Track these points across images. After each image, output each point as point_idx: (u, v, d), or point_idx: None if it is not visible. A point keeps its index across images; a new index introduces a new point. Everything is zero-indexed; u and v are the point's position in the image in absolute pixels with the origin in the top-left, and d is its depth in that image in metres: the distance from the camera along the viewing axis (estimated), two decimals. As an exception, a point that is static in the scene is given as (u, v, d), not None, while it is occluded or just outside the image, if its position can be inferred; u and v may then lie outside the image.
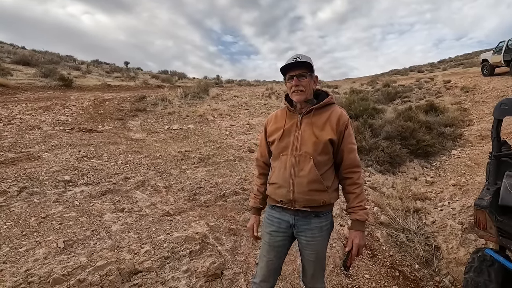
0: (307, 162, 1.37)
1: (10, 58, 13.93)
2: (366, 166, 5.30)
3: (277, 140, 1.46)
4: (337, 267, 2.60)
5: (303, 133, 1.41)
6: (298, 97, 1.41)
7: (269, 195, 1.53)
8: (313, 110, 1.43)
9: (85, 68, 17.19)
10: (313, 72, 1.45)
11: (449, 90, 11.49)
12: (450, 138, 6.68)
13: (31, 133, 4.92)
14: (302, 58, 1.38)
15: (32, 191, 2.94)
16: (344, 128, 1.42)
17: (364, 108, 8.20)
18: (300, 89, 1.40)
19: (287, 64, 1.40)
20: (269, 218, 1.55)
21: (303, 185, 1.37)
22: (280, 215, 1.50)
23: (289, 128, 1.45)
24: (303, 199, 1.38)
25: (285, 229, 1.49)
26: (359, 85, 19.97)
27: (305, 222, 1.44)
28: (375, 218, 3.48)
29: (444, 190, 4.41)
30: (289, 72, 1.43)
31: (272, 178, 1.50)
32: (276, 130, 1.50)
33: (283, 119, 1.51)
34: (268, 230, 1.54)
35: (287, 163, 1.41)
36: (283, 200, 1.43)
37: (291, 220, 1.46)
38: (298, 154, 1.39)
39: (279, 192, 1.44)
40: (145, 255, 2.22)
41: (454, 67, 22.71)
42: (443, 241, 2.98)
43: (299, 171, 1.38)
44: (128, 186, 3.37)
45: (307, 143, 1.39)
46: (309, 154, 1.37)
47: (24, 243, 2.18)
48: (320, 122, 1.41)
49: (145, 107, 8.08)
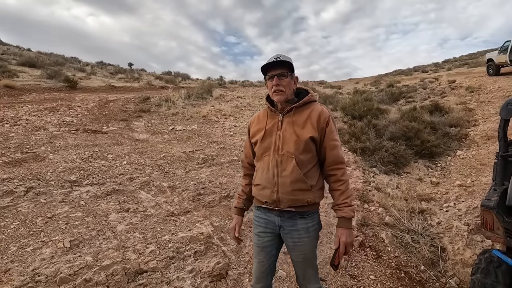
0: (290, 162, 1.36)
1: (16, 60, 14.10)
2: (371, 167, 5.28)
3: (259, 141, 1.45)
4: (341, 267, 2.59)
5: (284, 132, 1.40)
6: (279, 97, 1.40)
7: (254, 197, 1.53)
8: (294, 109, 1.43)
9: (89, 69, 17.33)
10: (294, 72, 1.44)
11: (454, 90, 11.39)
12: (455, 138, 6.62)
13: (37, 134, 4.97)
14: (283, 58, 1.37)
15: (38, 191, 2.97)
16: (325, 125, 1.40)
17: (368, 108, 8.16)
18: (280, 89, 1.38)
19: (268, 63, 1.39)
20: (256, 219, 1.55)
21: (286, 185, 1.36)
22: (265, 216, 1.50)
23: (270, 128, 1.44)
24: (287, 199, 1.37)
25: (272, 229, 1.48)
26: (363, 85, 19.88)
27: (290, 223, 1.42)
28: (379, 219, 3.46)
29: (450, 191, 4.38)
30: (270, 71, 1.41)
31: (256, 179, 1.50)
32: (258, 131, 1.49)
33: (264, 119, 1.50)
34: (256, 231, 1.54)
35: (270, 163, 1.40)
36: (268, 201, 1.42)
37: (277, 221, 1.45)
38: (280, 154, 1.38)
39: (263, 193, 1.43)
40: (150, 255, 2.24)
41: (459, 67, 22.53)
42: (449, 242, 2.96)
43: (282, 171, 1.37)
44: (133, 187, 3.39)
45: (288, 143, 1.38)
46: (291, 153, 1.36)
47: (31, 242, 2.20)
48: (301, 121, 1.40)
49: (149, 108, 8.12)
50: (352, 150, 5.94)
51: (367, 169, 5.15)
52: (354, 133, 6.60)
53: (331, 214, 3.39)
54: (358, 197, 3.96)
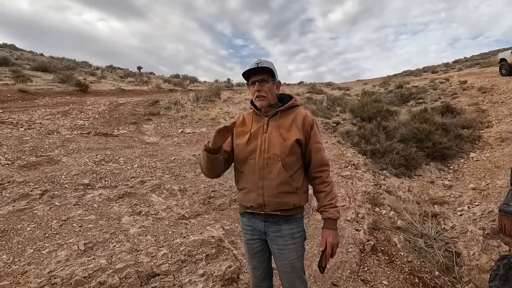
0: (275, 164, 1.36)
1: (30, 65, 14.47)
2: (381, 169, 5.22)
3: (244, 143, 1.43)
4: (353, 272, 2.56)
5: (270, 135, 1.40)
6: (261, 102, 1.42)
7: (240, 202, 1.51)
8: (279, 112, 1.45)
9: (100, 73, 17.65)
10: (275, 77, 1.45)
11: (465, 91, 11.18)
12: (468, 140, 6.48)
13: (51, 137, 5.08)
14: (264, 64, 1.39)
15: (53, 194, 3.03)
16: (310, 128, 1.43)
17: (377, 110, 8.08)
18: (262, 95, 1.40)
19: (249, 70, 1.40)
20: (243, 227, 1.54)
21: (272, 188, 1.35)
22: (250, 222, 1.48)
23: (255, 131, 1.44)
24: (273, 202, 1.36)
25: (259, 236, 1.47)
26: (371, 86, 19.71)
27: (275, 229, 1.41)
28: (391, 222, 3.41)
29: (463, 194, 4.29)
30: (252, 77, 1.43)
31: (240, 183, 1.47)
32: (242, 133, 1.48)
33: (249, 122, 1.50)
34: (244, 239, 1.55)
35: (256, 166, 1.38)
36: (253, 205, 1.40)
37: (261, 227, 1.44)
38: (266, 157, 1.37)
39: (248, 197, 1.41)
40: (162, 258, 2.25)
41: (470, 67, 22.11)
42: (463, 247, 2.89)
43: (268, 174, 1.36)
44: (145, 190, 3.43)
45: (274, 145, 1.38)
46: (277, 156, 1.36)
47: (47, 245, 2.24)
48: (287, 124, 1.42)
49: (159, 111, 8.22)
50: (361, 152, 5.89)
51: (377, 171, 5.09)
52: (364, 135, 6.53)
53: (342, 218, 3.36)
54: (369, 200, 3.91)
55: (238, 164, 1.48)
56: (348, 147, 6.15)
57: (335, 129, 7.60)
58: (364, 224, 3.28)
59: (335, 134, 7.15)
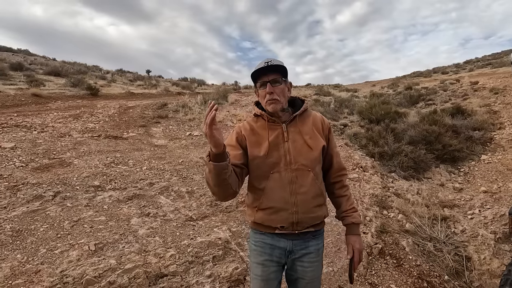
0: (306, 176, 1.21)
1: (43, 69, 14.88)
2: (389, 172, 5.16)
3: (263, 156, 1.23)
4: (361, 275, 2.55)
5: (294, 143, 1.24)
6: (274, 106, 1.24)
7: (261, 223, 1.26)
8: (297, 117, 1.29)
9: (110, 77, 17.99)
10: (287, 78, 1.30)
11: (476, 92, 10.96)
12: (479, 142, 6.35)
13: (63, 140, 5.21)
14: (275, 62, 1.21)
15: (65, 196, 3.11)
16: (328, 131, 1.34)
17: (385, 112, 7.99)
18: (274, 98, 1.23)
19: (259, 69, 1.22)
20: (259, 244, 1.29)
21: (307, 203, 1.21)
22: (273, 241, 1.26)
23: (274, 141, 1.25)
24: (308, 218, 1.22)
25: (279, 258, 1.27)
26: (380, 88, 19.50)
27: (303, 246, 1.26)
28: (400, 226, 3.38)
29: (474, 197, 4.21)
30: (261, 78, 1.25)
31: (264, 202, 1.23)
32: (256, 144, 1.26)
33: (263, 130, 1.28)
34: (259, 260, 1.27)
35: (283, 180, 1.21)
36: (284, 225, 1.21)
37: (288, 246, 1.25)
38: (294, 169, 1.21)
39: (277, 217, 1.21)
40: (170, 259, 2.29)
41: (482, 67, 21.67)
42: (474, 251, 2.84)
43: (300, 188, 1.20)
44: (153, 191, 3.48)
45: (301, 154, 1.23)
46: (306, 166, 1.22)
47: (59, 245, 2.31)
48: (308, 129, 1.28)
49: (167, 114, 8.33)
50: (369, 155, 5.84)
51: (385, 174, 5.04)
52: (372, 137, 6.48)
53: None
54: (377, 203, 3.88)
55: (256, 181, 1.26)
56: (355, 149, 6.11)
57: (343, 131, 7.56)
58: (372, 227, 3.25)
59: (343, 136, 7.11)
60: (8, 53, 21.62)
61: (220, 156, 1.04)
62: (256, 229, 1.31)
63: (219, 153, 1.03)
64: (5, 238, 2.34)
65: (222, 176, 1.06)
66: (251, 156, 1.25)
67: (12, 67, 13.46)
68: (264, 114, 1.29)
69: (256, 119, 1.34)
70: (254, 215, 1.27)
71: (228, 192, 1.15)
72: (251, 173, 1.28)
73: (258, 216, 1.25)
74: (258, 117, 1.33)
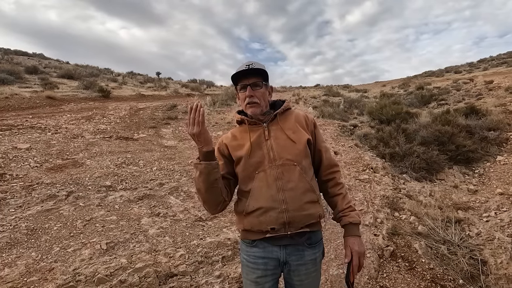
0: (293, 170, 1.16)
1: (57, 72, 15.27)
2: (401, 173, 5.07)
3: (245, 157, 1.19)
4: (372, 278, 2.50)
5: (277, 140, 1.21)
6: (253, 109, 1.22)
7: (250, 229, 1.18)
8: (277, 116, 1.27)
9: (121, 79, 18.32)
10: (268, 82, 1.27)
11: (491, 91, 10.67)
12: (494, 143, 6.18)
13: (75, 141, 5.32)
14: (256, 65, 1.19)
15: (78, 195, 3.18)
16: (313, 127, 1.31)
17: (396, 112, 7.87)
18: (254, 101, 1.21)
19: (239, 72, 1.19)
20: (251, 260, 1.20)
21: (297, 198, 1.14)
22: (265, 253, 1.18)
23: (256, 141, 1.21)
24: (300, 216, 1.14)
25: (273, 270, 1.20)
26: (390, 88, 19.23)
27: (298, 256, 1.18)
28: (412, 228, 3.31)
29: (490, 200, 4.08)
30: (242, 81, 1.22)
31: (251, 205, 1.16)
32: (239, 146, 1.24)
33: (243, 134, 1.26)
34: (253, 277, 1.20)
35: (268, 178, 1.15)
36: (275, 226, 1.13)
37: (282, 256, 1.18)
38: (279, 165, 1.16)
39: (266, 218, 1.14)
40: (180, 259, 2.30)
41: (497, 66, 21.10)
42: (490, 255, 2.75)
43: (287, 183, 1.14)
44: (163, 192, 3.52)
45: (285, 149, 1.19)
46: (292, 161, 1.17)
47: (72, 244, 2.36)
48: (290, 125, 1.25)
49: (176, 115, 8.42)
50: (380, 155, 5.75)
51: (396, 175, 4.95)
52: (382, 138, 6.38)
53: (363, 218, 3.29)
54: (388, 205, 3.81)
55: (243, 184, 1.22)
56: (366, 150, 6.03)
57: (353, 132, 7.48)
58: (383, 229, 3.20)
59: (353, 137, 7.03)
60: (24, 57, 22.30)
61: (211, 154, 1.09)
62: (246, 239, 1.23)
63: (209, 151, 1.09)
64: (20, 236, 2.40)
65: (213, 175, 1.10)
66: (235, 158, 1.23)
67: (28, 71, 13.87)
68: (245, 118, 1.27)
69: (240, 126, 1.33)
70: (243, 221, 1.21)
71: (218, 199, 1.17)
72: (239, 179, 1.25)
73: (247, 222, 1.19)
74: (241, 123, 1.32)
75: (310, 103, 12.12)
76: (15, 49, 25.34)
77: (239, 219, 1.24)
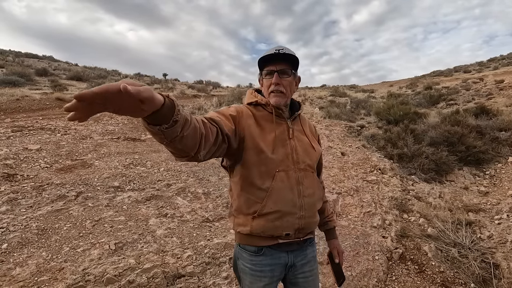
0: (311, 178, 1.13)
1: (66, 74, 15.54)
2: (409, 174, 5.00)
3: (267, 151, 1.05)
4: (380, 281, 2.47)
5: (300, 142, 1.14)
6: (277, 99, 1.09)
7: (259, 234, 1.06)
8: (298, 116, 1.20)
9: (128, 81, 18.51)
10: (297, 71, 1.14)
11: (502, 91, 10.46)
12: (506, 143, 6.04)
13: (84, 142, 5.39)
14: (287, 51, 1.06)
15: (87, 196, 3.21)
16: (319, 138, 1.32)
17: (404, 112, 7.77)
18: (280, 90, 1.08)
19: (268, 55, 1.07)
20: (257, 269, 1.09)
21: (312, 205, 1.12)
22: (272, 260, 1.10)
23: (280, 136, 1.10)
24: (312, 223, 1.14)
25: (279, 276, 1.14)
26: (397, 88, 19.02)
27: (302, 257, 1.16)
28: (421, 230, 3.26)
29: (502, 202, 4.00)
30: (269, 66, 1.09)
31: (269, 205, 1.04)
32: (261, 135, 1.07)
33: (269, 123, 1.11)
34: (260, 285, 1.10)
35: (291, 181, 1.07)
36: (290, 232, 1.07)
37: (290, 261, 1.12)
38: (301, 168, 1.10)
39: (282, 223, 1.05)
40: (188, 260, 2.31)
41: (507, 65, 20.69)
42: (503, 259, 2.69)
43: (306, 189, 1.09)
44: (170, 193, 3.54)
45: (307, 154, 1.13)
46: (311, 167, 1.14)
47: (81, 244, 2.38)
48: (308, 131, 1.22)
49: (183, 116, 8.47)
50: (388, 156, 5.68)
51: (405, 176, 4.89)
52: (390, 139, 6.31)
53: (368, 224, 3.26)
54: (396, 207, 3.76)
55: (259, 179, 1.05)
56: (373, 151, 5.96)
57: (360, 132, 7.41)
58: (392, 231, 3.16)
59: (360, 137, 6.97)
60: (34, 60, 22.74)
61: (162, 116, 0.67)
62: (251, 246, 1.10)
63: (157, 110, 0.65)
64: (31, 236, 2.44)
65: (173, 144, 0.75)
66: (255, 149, 1.04)
67: (38, 73, 14.14)
68: (271, 104, 1.11)
69: (257, 110, 1.14)
70: (250, 223, 1.06)
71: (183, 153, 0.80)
72: (252, 168, 1.05)
73: (257, 225, 1.05)
74: (258, 106, 1.14)
75: (316, 103, 12.06)
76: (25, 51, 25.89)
77: (243, 220, 1.08)
